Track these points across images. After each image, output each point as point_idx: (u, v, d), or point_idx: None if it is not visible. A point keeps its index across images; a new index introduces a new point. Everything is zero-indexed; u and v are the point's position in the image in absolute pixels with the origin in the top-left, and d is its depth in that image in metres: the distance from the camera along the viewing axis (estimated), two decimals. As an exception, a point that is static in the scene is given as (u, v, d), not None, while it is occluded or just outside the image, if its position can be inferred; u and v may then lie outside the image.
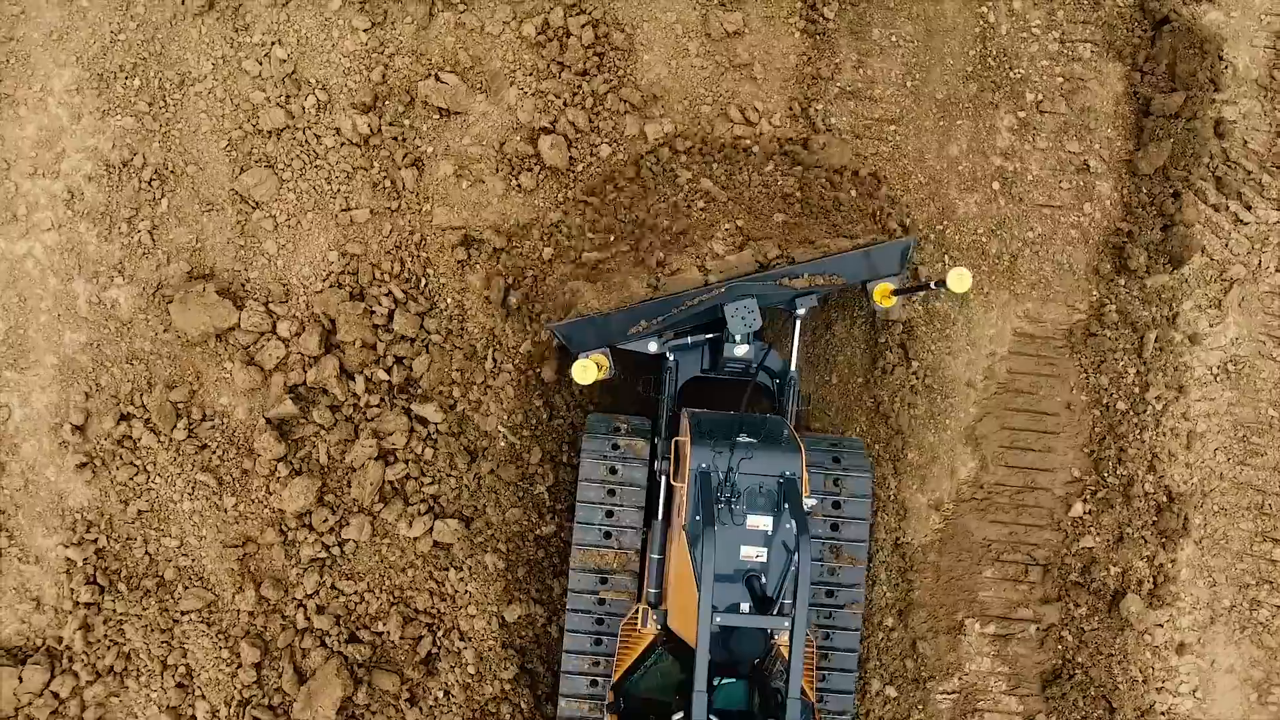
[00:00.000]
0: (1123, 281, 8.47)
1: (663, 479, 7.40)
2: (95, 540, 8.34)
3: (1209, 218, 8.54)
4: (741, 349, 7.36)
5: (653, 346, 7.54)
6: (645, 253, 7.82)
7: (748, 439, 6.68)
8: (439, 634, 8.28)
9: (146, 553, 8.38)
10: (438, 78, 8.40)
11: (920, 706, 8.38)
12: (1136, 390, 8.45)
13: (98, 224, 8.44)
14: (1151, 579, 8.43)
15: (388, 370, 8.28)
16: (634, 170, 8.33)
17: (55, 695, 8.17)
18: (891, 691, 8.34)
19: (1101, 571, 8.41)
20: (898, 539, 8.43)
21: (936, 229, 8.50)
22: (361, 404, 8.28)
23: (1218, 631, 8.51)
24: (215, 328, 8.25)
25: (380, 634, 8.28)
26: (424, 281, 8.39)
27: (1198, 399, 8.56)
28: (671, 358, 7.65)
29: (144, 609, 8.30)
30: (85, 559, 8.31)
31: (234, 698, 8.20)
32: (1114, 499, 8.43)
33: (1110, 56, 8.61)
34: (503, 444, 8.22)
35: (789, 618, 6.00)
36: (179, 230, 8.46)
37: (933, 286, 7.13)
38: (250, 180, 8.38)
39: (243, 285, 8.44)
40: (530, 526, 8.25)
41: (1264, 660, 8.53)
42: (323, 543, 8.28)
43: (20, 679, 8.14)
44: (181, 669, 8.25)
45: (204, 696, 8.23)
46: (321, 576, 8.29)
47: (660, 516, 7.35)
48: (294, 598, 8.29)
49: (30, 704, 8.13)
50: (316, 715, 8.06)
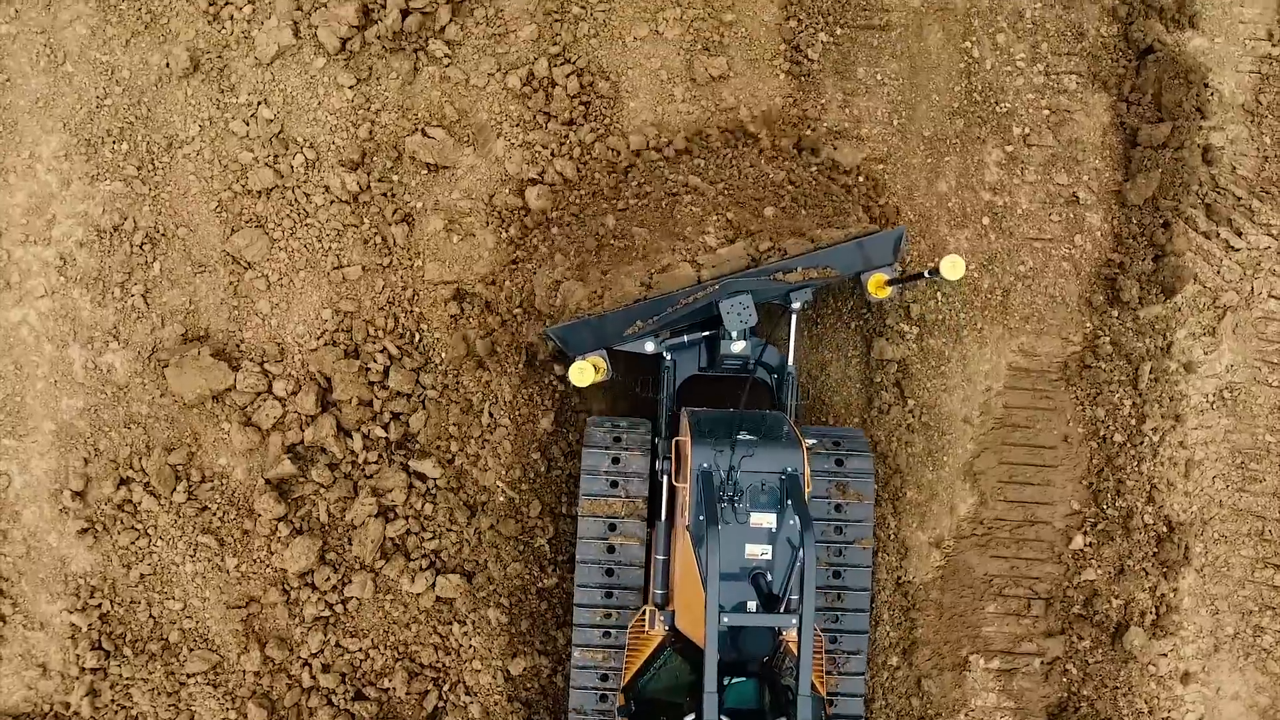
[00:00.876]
0: (1115, 313, 8.47)
1: (664, 479, 7.39)
2: (99, 605, 8.37)
3: (1200, 245, 8.54)
4: (738, 345, 7.38)
5: (649, 346, 7.55)
6: (636, 251, 7.82)
7: (748, 436, 6.68)
8: (445, 689, 8.30)
9: (151, 616, 8.40)
10: (424, 133, 8.41)
11: (927, 743, 8.41)
12: (1133, 422, 8.46)
13: (91, 289, 8.46)
14: (1154, 609, 8.44)
15: (385, 427, 8.29)
16: (619, 178, 8.32)
17: (64, 763, 8.21)
18: (898, 730, 8.37)
19: (1104, 604, 8.41)
20: (899, 578, 8.44)
21: (928, 265, 8.49)
22: (360, 461, 8.30)
23: (1222, 659, 8.52)
24: (211, 390, 8.26)
25: (386, 690, 8.31)
26: (418, 337, 8.40)
27: (1194, 427, 8.57)
28: (669, 357, 7.66)
29: (150, 672, 8.33)
30: (90, 624, 8.34)
31: (243, 759, 8.24)
32: (1114, 531, 8.44)
33: (1096, 87, 8.61)
34: (501, 499, 8.24)
35: (796, 615, 6.00)
36: (172, 293, 8.47)
37: (927, 275, 7.11)
38: (241, 241, 8.40)
39: (237, 346, 8.45)
40: (532, 580, 8.27)
41: (1269, 686, 8.54)
42: (326, 601, 8.30)
43: (29, 748, 8.19)
44: (189, 732, 8.29)
45: (213, 759, 8.26)
46: (326, 635, 8.31)
47: (664, 517, 7.34)
48: (299, 656, 8.32)
49: (40, 772, 8.18)
50: (325, 774, 8.10)
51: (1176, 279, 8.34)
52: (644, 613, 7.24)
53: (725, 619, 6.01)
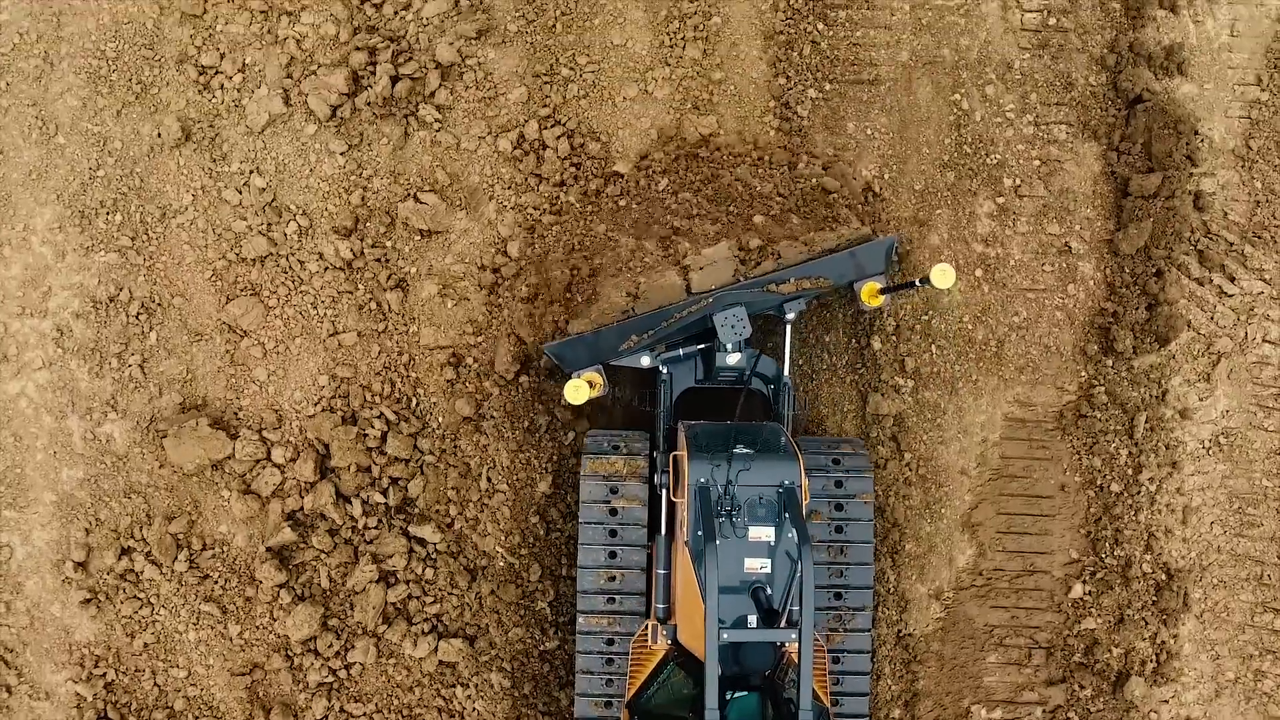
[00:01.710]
0: (1110, 362, 8.49)
1: (663, 493, 7.41)
2: (104, 674, 8.41)
3: (1193, 292, 8.56)
4: (733, 357, 7.42)
5: (645, 360, 7.59)
6: (621, 262, 7.86)
7: (745, 450, 6.70)
8: (449, 752, 8.35)
9: (155, 684, 8.44)
10: (416, 198, 8.43)
11: (931, 795, 8.44)
12: (1130, 472, 8.48)
13: (88, 360, 8.49)
14: (1154, 657, 8.46)
15: (384, 492, 8.32)
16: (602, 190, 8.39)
17: (73, 835, 8.25)
18: (902, 782, 8.40)
19: (1104, 653, 8.44)
20: (900, 631, 8.46)
21: (922, 319, 8.51)
22: (360, 527, 8.33)
23: (1223, 704, 8.55)
24: (210, 459, 8.30)
25: (391, 754, 8.35)
26: (415, 401, 8.43)
27: (1191, 473, 8.58)
28: (665, 370, 7.70)
29: (156, 741, 8.38)
30: (95, 694, 8.38)
31: (250, 827, 8.28)
32: (1113, 580, 8.46)
33: (1086, 137, 8.62)
34: (501, 564, 8.27)
35: (796, 629, 6.03)
36: (169, 362, 8.50)
37: (918, 284, 7.13)
38: (237, 310, 8.43)
39: (235, 414, 8.48)
40: (534, 644, 8.30)
41: (1271, 730, 8.57)
42: (329, 667, 8.33)
43: (37, 821, 8.23)
44: (196, 800, 8.33)
45: (220, 827, 8.31)
46: (330, 700, 8.35)
47: (664, 531, 7.38)
48: (304, 722, 8.36)
49: (48, 845, 8.22)
50: (332, 842, 8.14)
51: (1170, 328, 8.35)
52: (646, 627, 7.27)
53: (725, 634, 6.03)
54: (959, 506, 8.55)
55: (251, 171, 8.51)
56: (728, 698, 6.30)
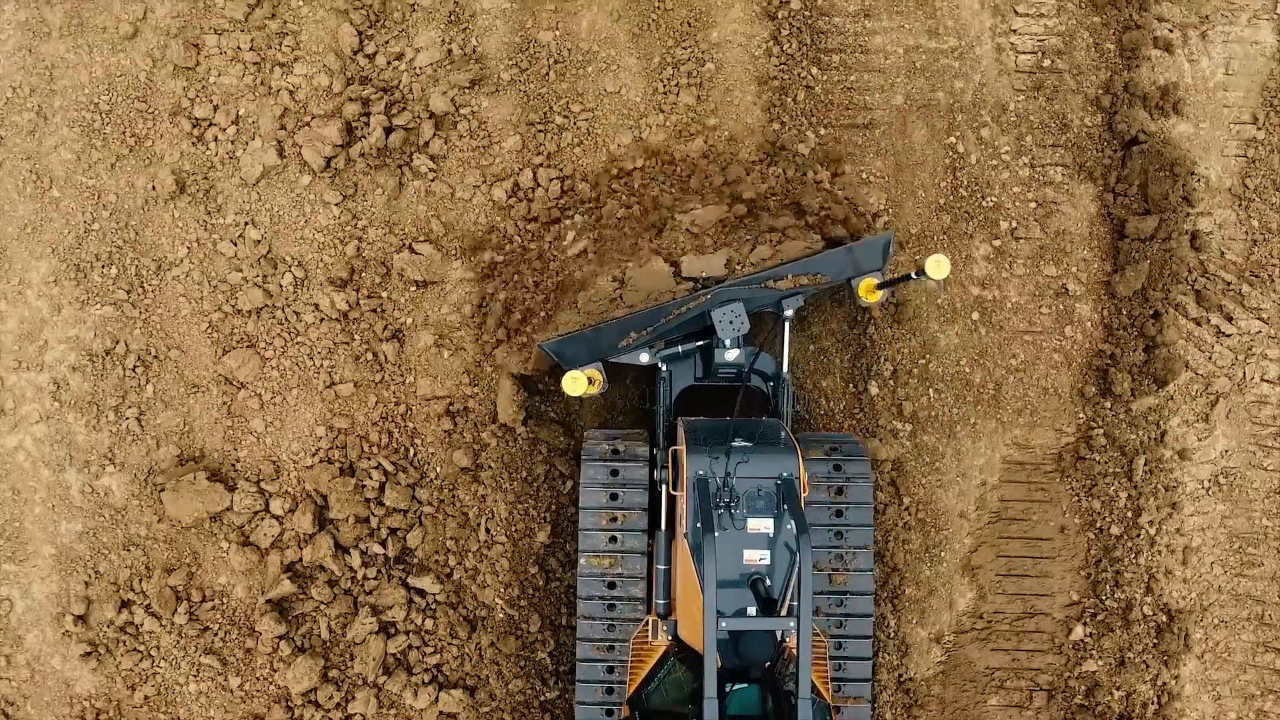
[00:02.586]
0: (1108, 404, 8.47)
1: (663, 489, 7.40)
2: (105, 728, 8.42)
3: (1191, 332, 8.54)
4: (732, 354, 7.42)
5: (644, 357, 7.57)
6: (608, 256, 7.90)
7: (743, 442, 6.70)
8: (451, 803, 8.34)
9: (156, 737, 8.45)
10: (412, 249, 8.42)
11: (934, 839, 8.44)
12: (1129, 514, 8.46)
13: (85, 413, 8.49)
14: (1156, 699, 8.45)
15: (382, 543, 8.32)
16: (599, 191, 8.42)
17: None
18: (904, 827, 8.39)
19: (1106, 695, 8.43)
20: (900, 675, 8.45)
21: (919, 362, 8.50)
22: (359, 577, 8.33)
23: (1225, 745, 8.54)
24: (208, 512, 8.30)
25: (393, 805, 8.35)
26: (412, 452, 8.42)
27: (1191, 514, 8.57)
28: (664, 368, 7.68)
29: (158, 794, 8.38)
30: (96, 747, 8.39)
31: None
32: (1114, 622, 8.44)
33: (1082, 178, 8.60)
34: (501, 615, 8.26)
35: (795, 617, 6.04)
36: (166, 414, 8.50)
37: (914, 276, 7.11)
38: (233, 362, 8.42)
39: (233, 465, 8.48)
40: (534, 694, 8.29)
41: (1273, 771, 8.56)
42: (330, 718, 8.32)
43: None
44: None
45: None
46: (331, 752, 8.35)
47: (664, 527, 7.36)
48: (305, 774, 8.36)
49: None
50: None
51: (1168, 370, 8.34)
52: (647, 624, 7.25)
53: (724, 624, 6.06)
54: (959, 550, 8.54)
55: (246, 223, 8.50)
56: (727, 690, 6.31)
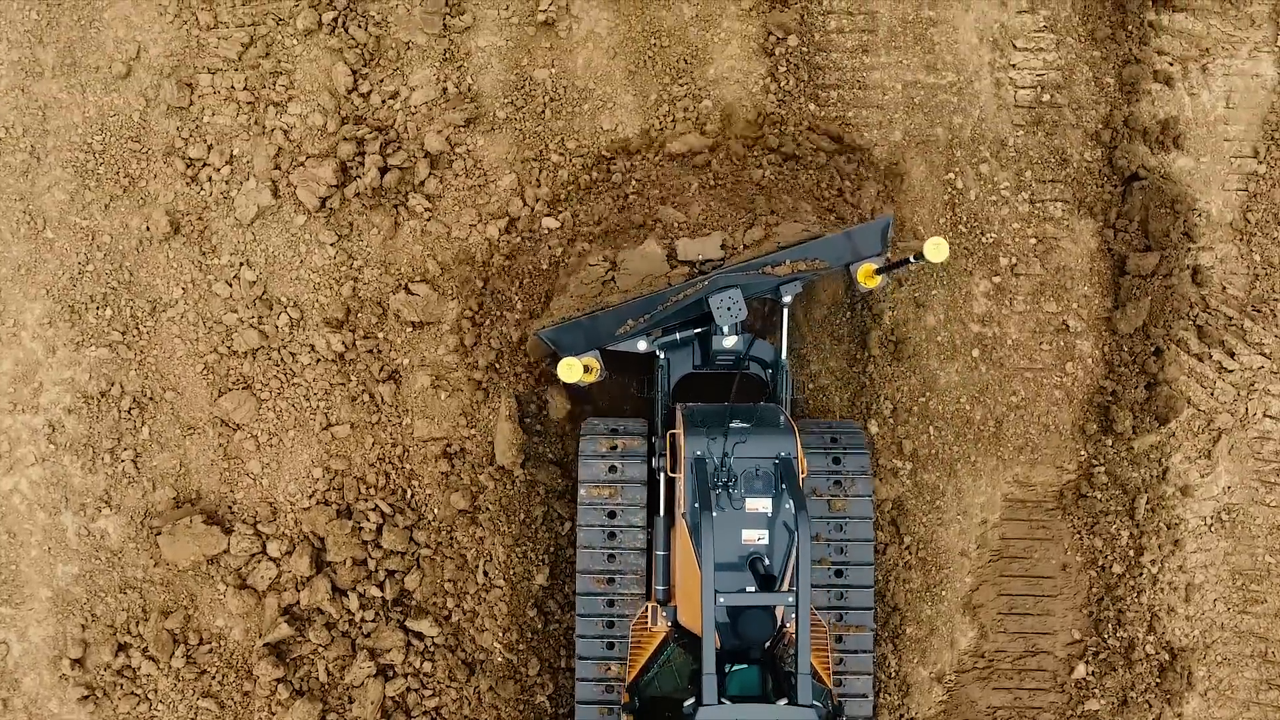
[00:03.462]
0: (1110, 442, 8.41)
1: (661, 475, 7.35)
2: (103, 771, 8.38)
3: (1192, 368, 8.48)
4: (730, 340, 7.36)
5: (642, 345, 7.52)
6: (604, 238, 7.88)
7: (741, 424, 6.70)
8: (451, 846, 8.30)
9: (154, 781, 8.41)
10: (408, 289, 8.37)
11: None
12: (1131, 553, 8.41)
13: (81, 455, 8.45)
14: (1159, 738, 8.42)
15: (380, 585, 8.27)
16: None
17: None
18: None
19: (1108, 734, 8.39)
20: (902, 715, 8.41)
21: (919, 400, 8.45)
22: (357, 620, 8.28)
23: (1229, 784, 8.49)
24: (205, 555, 8.25)
25: None
26: (409, 494, 8.38)
27: (1194, 550, 8.51)
28: (662, 356, 7.63)
29: (156, 838, 8.34)
30: (94, 791, 8.35)
31: None
32: (1116, 661, 8.39)
33: (1082, 214, 8.54)
34: (499, 659, 8.22)
35: (792, 593, 6.04)
36: (162, 456, 8.46)
37: (912, 260, 7.02)
38: (229, 404, 8.37)
39: (229, 508, 8.44)
40: (533, 739, 8.27)
41: (1277, 809, 8.51)
42: (329, 762, 8.29)
43: None
44: None
45: None
46: (330, 796, 8.31)
47: (662, 512, 7.30)
48: (304, 818, 8.31)
49: None
50: None
51: (1170, 409, 8.28)
52: (646, 609, 7.21)
53: (722, 599, 6.06)
54: (959, 589, 8.49)
55: (241, 264, 8.45)
56: (727, 670, 6.29)
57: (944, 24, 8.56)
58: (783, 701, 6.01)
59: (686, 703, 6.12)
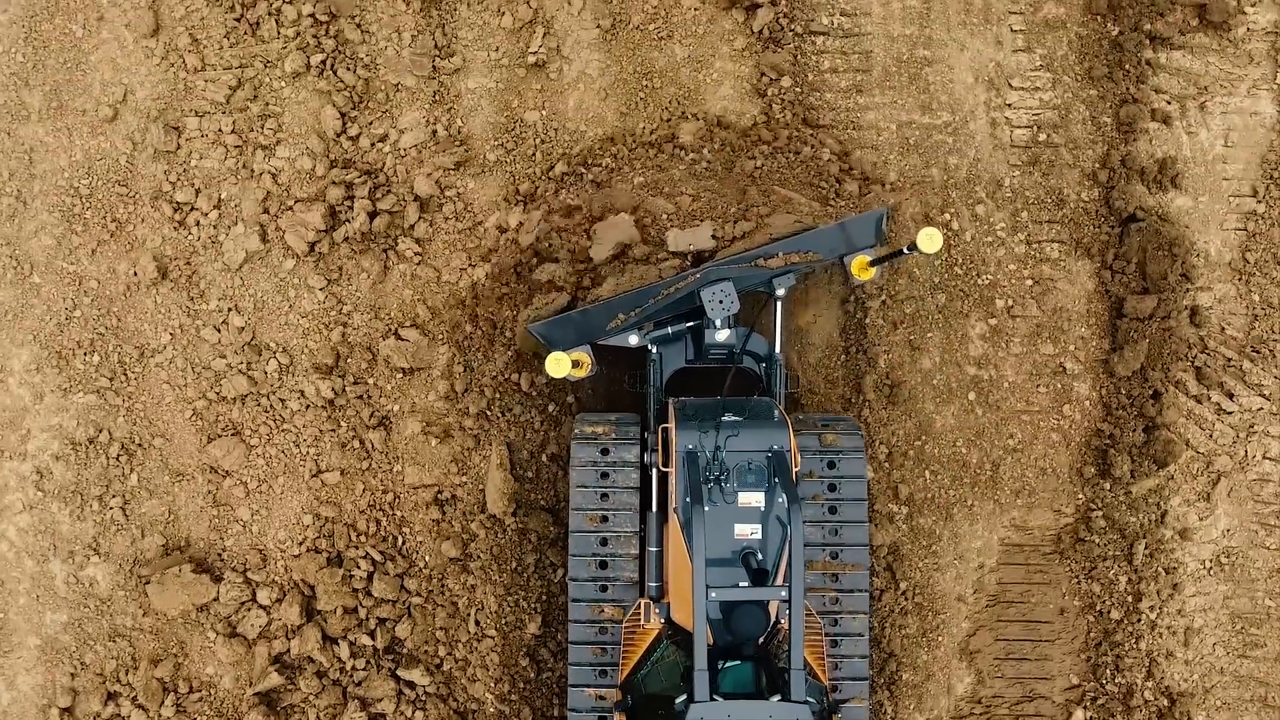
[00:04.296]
0: (1108, 486, 8.33)
1: (654, 471, 7.26)
2: (93, 821, 8.31)
3: (1191, 410, 8.39)
4: (723, 334, 7.31)
5: (633, 340, 7.42)
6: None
7: (733, 417, 6.64)
8: None
9: (145, 830, 8.34)
10: (398, 335, 8.29)
11: None
12: (1129, 599, 8.33)
13: (69, 503, 8.37)
14: (1158, 785, 8.34)
15: (371, 634, 8.20)
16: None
17: None
18: None
19: (1107, 781, 8.31)
20: (899, 763, 8.34)
21: (915, 444, 8.36)
22: (348, 669, 8.20)
23: (1229, 830, 8.41)
24: (194, 604, 8.18)
25: None
26: (400, 541, 8.30)
27: (1192, 594, 8.43)
28: (654, 350, 7.55)
29: None
30: (84, 841, 8.28)
31: None
32: (1114, 707, 8.32)
33: (1079, 255, 8.45)
34: (492, 709, 8.14)
35: (785, 588, 5.99)
36: (151, 503, 8.38)
37: (906, 251, 6.95)
38: (218, 451, 8.29)
39: (219, 555, 8.36)
40: (526, 789, 8.19)
41: None
42: (320, 812, 8.22)
43: None
44: None
45: None
46: (321, 846, 8.24)
47: (655, 508, 7.21)
48: None
49: None
50: None
51: (1168, 453, 8.20)
52: (639, 606, 7.13)
53: (714, 594, 6.02)
54: (956, 634, 8.41)
55: (230, 309, 8.37)
56: (720, 666, 6.22)
57: (939, 63, 8.47)
58: (776, 698, 5.95)
59: (678, 700, 6.06)
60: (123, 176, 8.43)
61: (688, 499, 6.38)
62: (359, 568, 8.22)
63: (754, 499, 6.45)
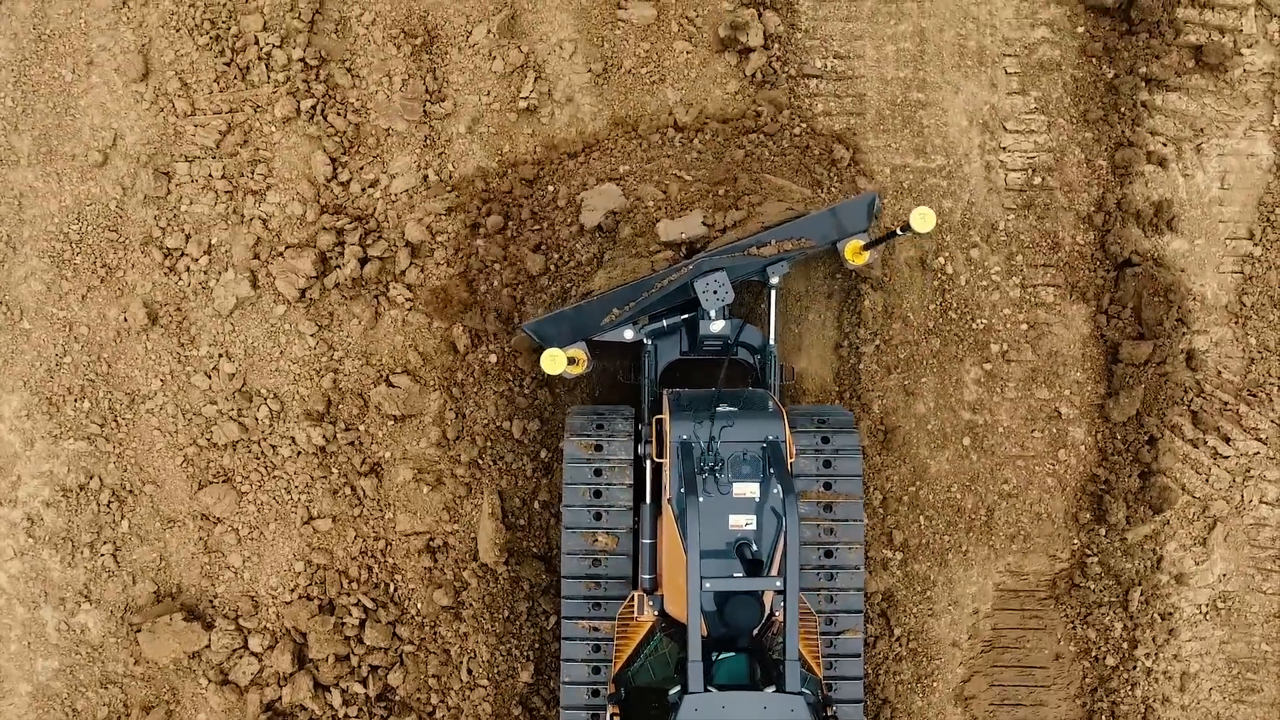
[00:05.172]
0: (1103, 531, 8.28)
1: (648, 463, 7.20)
2: None
3: (1187, 455, 8.34)
4: (717, 325, 7.25)
5: (629, 334, 7.41)
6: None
7: (728, 408, 6.61)
8: None
9: None
10: (389, 381, 8.25)
11: None
12: (1125, 646, 8.28)
13: (60, 549, 8.34)
14: (1154, 832, 8.29)
15: (363, 682, 8.17)
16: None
17: None
18: None
19: (1103, 828, 8.27)
20: (893, 810, 8.30)
21: (909, 489, 8.32)
22: (340, 716, 8.17)
23: None
24: (186, 652, 8.15)
25: None
26: (393, 588, 8.26)
27: (1189, 639, 8.38)
28: (649, 343, 7.51)
29: None
30: None
31: None
32: (1110, 756, 8.29)
33: (1074, 298, 8.39)
34: (485, 759, 8.12)
35: (780, 577, 5.96)
36: (142, 550, 8.35)
37: (899, 232, 6.89)
38: (209, 498, 8.26)
39: (210, 602, 8.33)
40: (519, 840, 8.16)
41: None
42: None
43: None
44: None
45: None
46: None
47: (648, 500, 7.15)
48: None
49: None
50: None
51: (1164, 500, 8.15)
52: (632, 599, 7.11)
53: (709, 584, 5.97)
54: (951, 680, 8.36)
55: (221, 355, 8.33)
56: (715, 658, 6.17)
57: (933, 106, 8.41)
58: (770, 689, 5.89)
59: (672, 691, 6.02)
60: (113, 222, 8.39)
61: (682, 489, 6.33)
62: (351, 615, 8.19)
63: (749, 490, 6.41)
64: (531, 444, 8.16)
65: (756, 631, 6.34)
